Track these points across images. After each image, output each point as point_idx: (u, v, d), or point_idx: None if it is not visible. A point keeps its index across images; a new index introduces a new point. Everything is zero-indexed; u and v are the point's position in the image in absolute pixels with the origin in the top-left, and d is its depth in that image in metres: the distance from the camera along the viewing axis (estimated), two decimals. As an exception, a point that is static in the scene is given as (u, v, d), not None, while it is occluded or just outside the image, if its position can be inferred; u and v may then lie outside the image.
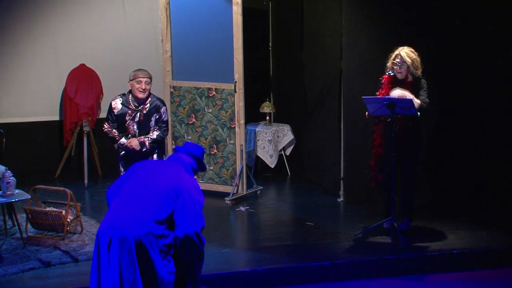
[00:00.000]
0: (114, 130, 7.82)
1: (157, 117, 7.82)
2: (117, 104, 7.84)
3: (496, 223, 8.11)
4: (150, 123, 7.80)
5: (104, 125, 7.90)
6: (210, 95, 9.10)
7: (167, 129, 7.95)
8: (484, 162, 9.10)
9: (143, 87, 7.73)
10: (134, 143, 7.73)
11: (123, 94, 7.90)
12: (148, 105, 7.81)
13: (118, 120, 7.83)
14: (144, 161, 5.71)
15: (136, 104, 7.81)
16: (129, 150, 7.76)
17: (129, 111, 7.80)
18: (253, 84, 9.90)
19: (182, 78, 9.25)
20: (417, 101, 7.37)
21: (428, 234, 7.76)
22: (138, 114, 7.78)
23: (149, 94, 7.84)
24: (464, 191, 8.98)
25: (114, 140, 7.86)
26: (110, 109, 7.87)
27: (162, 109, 7.81)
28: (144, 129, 7.81)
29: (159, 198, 5.24)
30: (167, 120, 7.89)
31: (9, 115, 9.96)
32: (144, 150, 7.75)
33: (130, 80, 7.79)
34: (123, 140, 7.80)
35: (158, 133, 7.79)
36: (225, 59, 8.90)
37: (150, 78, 7.81)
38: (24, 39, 9.94)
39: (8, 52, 9.91)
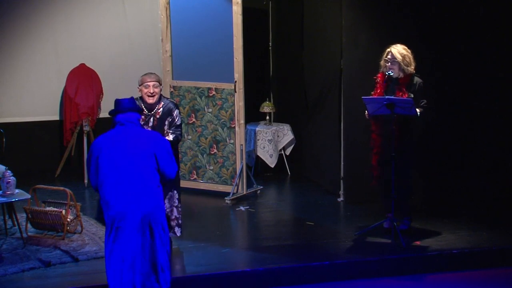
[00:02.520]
0: None
1: (170, 120, 7.37)
2: None
3: (496, 223, 8.11)
4: (164, 127, 7.39)
5: None
6: (210, 94, 9.10)
7: (181, 133, 7.51)
8: (484, 162, 9.09)
9: (151, 91, 7.36)
10: None
11: (136, 99, 7.66)
12: (161, 109, 7.54)
13: None
14: (108, 139, 6.11)
15: (149, 109, 7.61)
16: None
17: (142, 117, 7.57)
18: (253, 84, 9.90)
19: (182, 78, 9.25)
20: (418, 111, 7.39)
21: (428, 234, 7.76)
22: (152, 119, 7.52)
23: (161, 97, 7.60)
24: (464, 191, 8.97)
25: None
26: None
27: (175, 113, 7.40)
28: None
29: (148, 167, 6.06)
30: (181, 124, 7.47)
31: (9, 115, 9.96)
32: None
33: (139, 86, 7.57)
34: None
35: (173, 136, 7.36)
36: (225, 59, 8.90)
37: (159, 81, 7.45)
38: (24, 39, 9.93)
39: (8, 52, 9.91)
